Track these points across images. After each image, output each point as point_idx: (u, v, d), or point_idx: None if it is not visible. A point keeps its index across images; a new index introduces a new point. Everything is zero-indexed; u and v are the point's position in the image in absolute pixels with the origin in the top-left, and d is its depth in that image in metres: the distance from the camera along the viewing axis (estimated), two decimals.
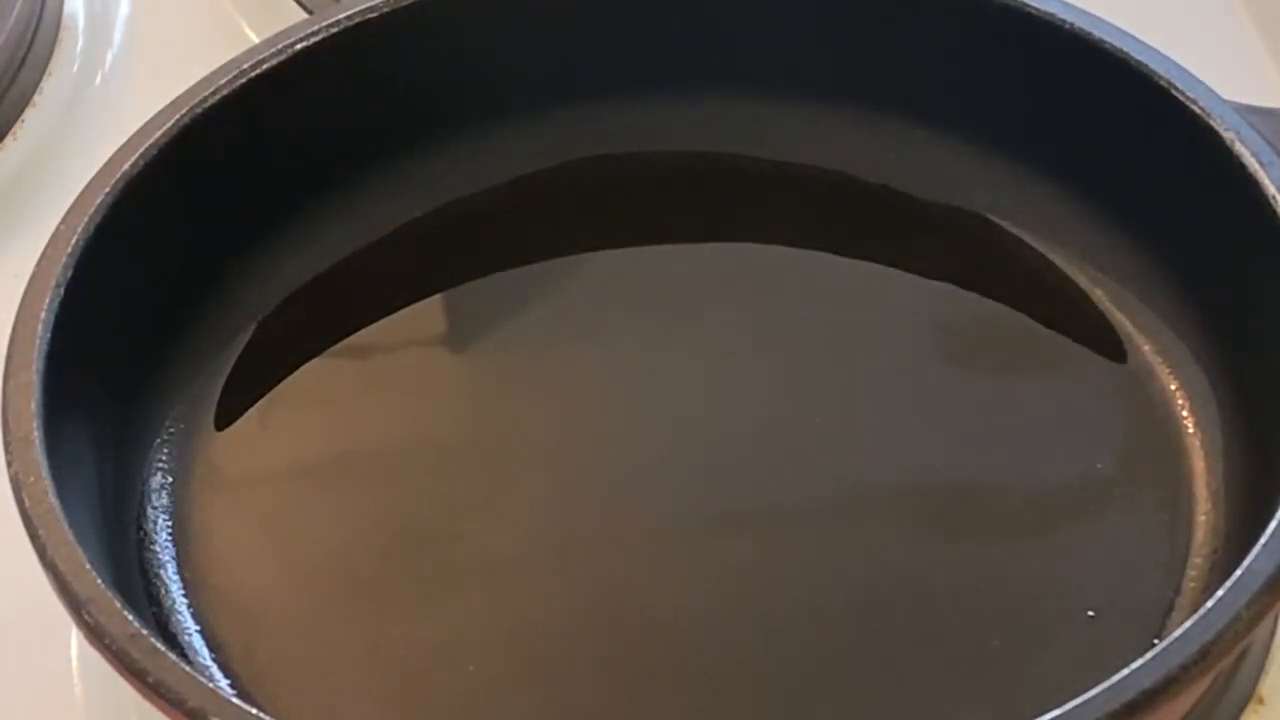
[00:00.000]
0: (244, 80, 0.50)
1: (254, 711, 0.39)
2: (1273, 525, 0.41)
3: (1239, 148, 0.46)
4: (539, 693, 0.45)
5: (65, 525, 0.42)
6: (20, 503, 0.42)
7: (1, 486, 0.43)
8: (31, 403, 0.43)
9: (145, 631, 0.40)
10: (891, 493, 0.48)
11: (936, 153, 0.52)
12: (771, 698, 0.44)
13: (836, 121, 0.53)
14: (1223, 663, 0.40)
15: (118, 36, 0.63)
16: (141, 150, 0.48)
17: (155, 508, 0.48)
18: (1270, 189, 0.46)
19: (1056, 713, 0.38)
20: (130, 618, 0.40)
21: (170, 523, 0.48)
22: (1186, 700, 0.41)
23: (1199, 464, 0.47)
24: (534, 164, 0.54)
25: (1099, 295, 0.50)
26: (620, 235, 0.54)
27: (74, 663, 0.49)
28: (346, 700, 0.45)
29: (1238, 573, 0.40)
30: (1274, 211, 0.45)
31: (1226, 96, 0.47)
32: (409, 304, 0.52)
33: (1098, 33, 0.49)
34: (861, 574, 0.47)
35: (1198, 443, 0.48)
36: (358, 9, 0.51)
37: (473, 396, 0.51)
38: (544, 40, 0.52)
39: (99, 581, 0.41)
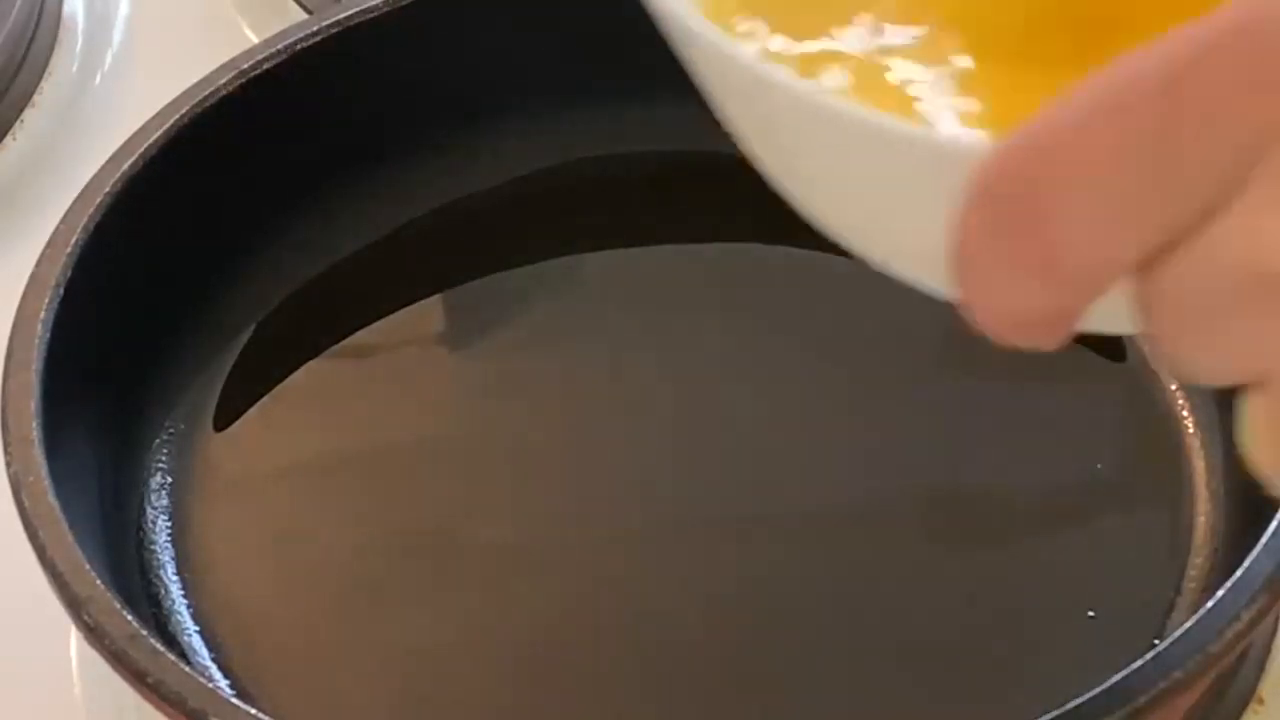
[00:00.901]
0: (244, 80, 0.50)
1: (254, 711, 0.39)
2: (1273, 525, 0.41)
3: None
4: (539, 693, 0.45)
5: (65, 525, 0.42)
6: (20, 503, 0.42)
7: (1, 487, 0.43)
8: (31, 403, 0.43)
9: (145, 631, 0.40)
10: (891, 493, 0.48)
11: None
12: (772, 698, 0.44)
13: None
14: (1223, 663, 0.40)
15: (118, 36, 0.63)
16: (141, 150, 0.48)
17: (155, 508, 0.48)
18: None
19: (1056, 713, 0.38)
20: (130, 618, 0.40)
21: (170, 523, 0.48)
22: (1186, 700, 0.41)
23: (1199, 464, 0.47)
24: (534, 164, 0.54)
25: None
26: (620, 235, 0.54)
27: (74, 663, 0.49)
28: (346, 700, 0.45)
29: (1238, 573, 0.40)
30: None
31: None
32: (409, 304, 0.52)
33: None
34: (862, 575, 0.46)
35: (1198, 443, 0.48)
36: (358, 9, 0.51)
37: (473, 396, 0.51)
38: (544, 41, 0.52)
39: (99, 581, 0.41)
